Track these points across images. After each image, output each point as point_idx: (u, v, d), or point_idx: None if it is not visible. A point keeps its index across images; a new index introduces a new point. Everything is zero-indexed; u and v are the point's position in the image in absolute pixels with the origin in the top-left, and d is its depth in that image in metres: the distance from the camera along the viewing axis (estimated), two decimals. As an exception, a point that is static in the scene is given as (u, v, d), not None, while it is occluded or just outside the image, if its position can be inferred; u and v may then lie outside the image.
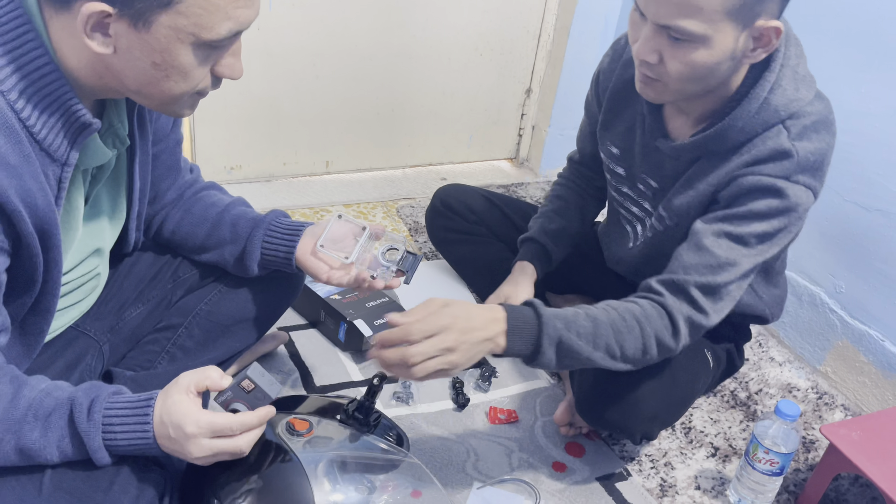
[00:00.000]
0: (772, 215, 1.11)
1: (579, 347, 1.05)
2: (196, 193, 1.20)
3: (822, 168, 1.12)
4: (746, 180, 1.11)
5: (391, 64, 2.09)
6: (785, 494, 1.32)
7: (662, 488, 1.31)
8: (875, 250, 1.53)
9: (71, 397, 0.86)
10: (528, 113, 2.37)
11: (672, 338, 1.10)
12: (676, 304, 1.11)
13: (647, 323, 1.09)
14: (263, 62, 1.94)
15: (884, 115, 1.47)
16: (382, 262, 1.13)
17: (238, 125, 2.00)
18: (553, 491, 1.27)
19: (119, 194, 1.03)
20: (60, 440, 0.85)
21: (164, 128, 1.09)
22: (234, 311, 1.20)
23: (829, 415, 1.54)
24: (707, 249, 1.11)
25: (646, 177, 1.27)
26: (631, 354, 1.09)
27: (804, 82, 1.11)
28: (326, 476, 0.94)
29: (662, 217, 1.24)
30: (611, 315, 1.08)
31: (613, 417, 1.22)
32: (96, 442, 0.85)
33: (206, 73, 0.85)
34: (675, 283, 1.12)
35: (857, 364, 1.59)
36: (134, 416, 0.86)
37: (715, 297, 1.12)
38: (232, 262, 1.16)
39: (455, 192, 1.68)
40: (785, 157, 1.09)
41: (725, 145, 1.13)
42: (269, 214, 1.17)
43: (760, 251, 1.13)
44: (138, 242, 1.13)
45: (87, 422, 0.85)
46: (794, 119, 1.10)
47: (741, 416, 1.50)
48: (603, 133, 1.34)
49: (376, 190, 2.17)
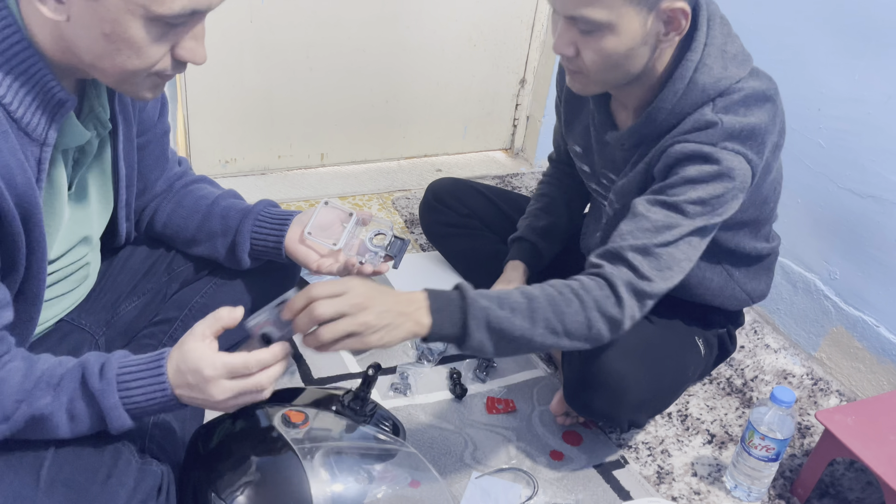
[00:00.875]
0: (704, 180, 1.08)
1: (512, 325, 0.99)
2: (186, 186, 1.19)
3: (753, 138, 1.09)
4: (673, 150, 1.11)
5: (385, 55, 2.09)
6: (781, 480, 1.33)
7: (659, 475, 1.32)
8: (869, 237, 1.54)
9: (82, 362, 0.85)
10: (523, 103, 2.37)
11: (616, 307, 1.04)
12: (615, 272, 1.06)
13: (585, 294, 1.03)
14: (256, 55, 1.93)
15: (877, 102, 1.47)
16: (370, 248, 1.12)
17: (232, 118, 2.00)
18: (551, 479, 1.28)
19: (105, 182, 1.02)
20: (70, 402, 0.83)
21: (150, 117, 1.09)
22: (229, 303, 1.19)
23: (824, 401, 1.55)
24: (641, 215, 1.09)
25: (605, 171, 1.29)
26: (574, 329, 1.03)
27: (734, 61, 1.11)
28: (323, 467, 0.95)
29: (612, 201, 1.26)
30: (546, 291, 1.03)
31: (600, 406, 1.22)
32: (111, 400, 0.83)
33: (164, 53, 0.83)
34: (611, 251, 1.08)
35: (851, 350, 1.60)
36: (148, 370, 0.85)
37: (654, 259, 1.07)
38: (224, 253, 1.16)
39: (447, 185, 1.68)
40: (709, 126, 1.09)
41: (658, 129, 1.14)
42: (258, 204, 1.17)
43: (699, 219, 1.09)
44: (130, 234, 1.13)
45: (100, 381, 0.83)
46: (722, 97, 1.10)
47: (737, 402, 1.51)
48: (567, 133, 1.37)
49: (372, 182, 2.16)
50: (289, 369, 1.44)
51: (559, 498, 1.24)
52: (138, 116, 1.05)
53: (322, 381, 1.43)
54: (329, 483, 0.95)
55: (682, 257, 1.09)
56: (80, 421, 0.85)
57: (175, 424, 1.08)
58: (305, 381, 1.43)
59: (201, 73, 1.89)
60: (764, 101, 1.10)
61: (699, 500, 1.28)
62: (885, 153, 1.48)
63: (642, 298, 1.07)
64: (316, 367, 1.45)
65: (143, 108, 1.06)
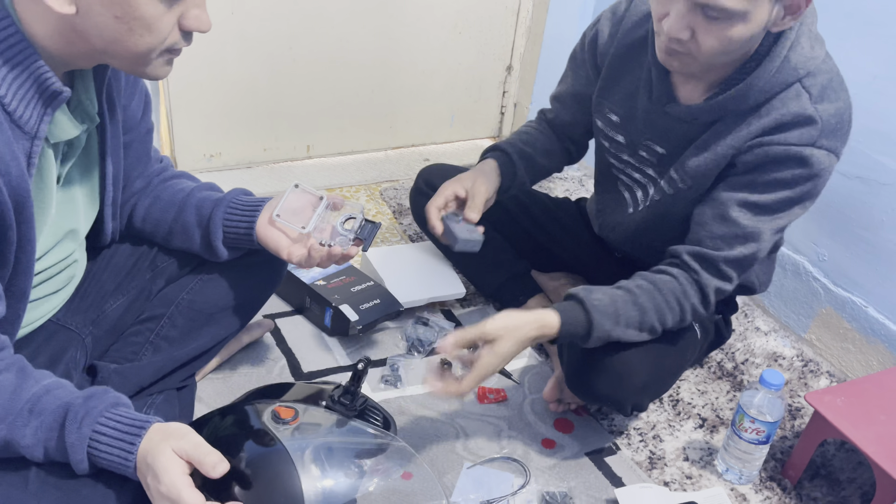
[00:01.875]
0: (797, 182, 1.13)
1: (624, 336, 1.17)
2: (165, 181, 1.18)
3: (843, 127, 1.13)
4: (772, 150, 1.12)
5: (369, 44, 2.07)
6: (772, 462, 1.34)
7: (651, 461, 1.33)
8: (856, 218, 1.54)
9: (68, 404, 0.85)
10: (510, 90, 2.36)
11: (703, 306, 1.20)
12: (708, 279, 1.18)
13: (685, 300, 1.18)
14: (238, 47, 1.91)
15: (863, 83, 1.47)
16: (341, 232, 1.12)
17: (216, 112, 1.98)
18: (543, 467, 1.28)
19: (91, 178, 1.01)
20: (48, 441, 0.85)
21: (135, 115, 1.08)
22: (216, 299, 1.19)
23: (814, 382, 1.56)
24: (733, 220, 1.16)
25: (650, 143, 1.26)
26: (670, 327, 1.20)
27: (818, 41, 1.12)
28: (314, 463, 0.94)
29: (674, 180, 1.24)
30: (656, 300, 1.17)
31: (603, 390, 1.22)
32: (79, 455, 0.85)
33: (173, 25, 0.84)
34: (706, 258, 1.18)
35: (841, 331, 1.60)
36: (122, 441, 0.85)
37: (741, 266, 1.19)
38: (200, 244, 1.15)
39: (438, 171, 1.66)
40: (809, 123, 1.10)
41: (745, 106, 1.13)
42: (230, 193, 1.16)
43: (784, 216, 1.17)
44: (116, 233, 1.12)
45: (76, 433, 0.84)
46: (810, 77, 1.10)
47: (728, 386, 1.51)
48: (600, 100, 1.32)
49: (359, 173, 2.15)
50: (278, 364, 1.43)
51: (552, 486, 1.24)
52: (123, 114, 1.04)
53: (311, 374, 1.43)
54: (320, 479, 0.94)
55: (763, 256, 1.21)
56: (53, 458, 0.86)
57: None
58: (295, 375, 1.42)
59: (183, 67, 1.87)
60: (843, 83, 1.14)
61: (691, 485, 1.29)
62: (872, 133, 1.48)
63: (722, 295, 1.22)
64: (305, 360, 1.45)
65: (128, 106, 1.05)
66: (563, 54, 1.40)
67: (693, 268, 1.18)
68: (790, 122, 1.11)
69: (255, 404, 1.02)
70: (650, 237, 1.32)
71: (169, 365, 1.18)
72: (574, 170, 2.26)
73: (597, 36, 1.30)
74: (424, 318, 1.55)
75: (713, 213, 1.17)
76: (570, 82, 1.40)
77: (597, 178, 1.46)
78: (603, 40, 1.29)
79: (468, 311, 1.64)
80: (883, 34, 1.43)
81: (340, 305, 1.48)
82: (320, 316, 1.52)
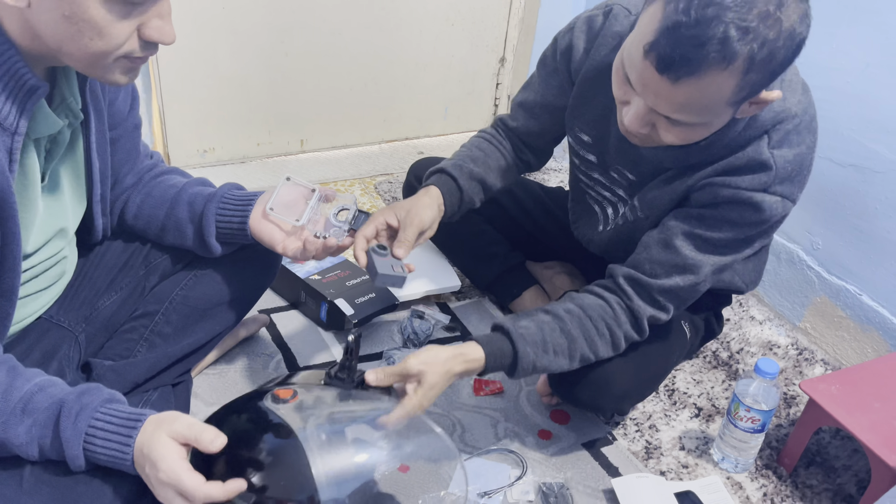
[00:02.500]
0: (744, 224, 1.11)
1: (554, 364, 1.14)
2: (156, 177, 1.18)
3: (801, 173, 1.10)
4: (723, 191, 1.09)
5: (361, 37, 2.06)
6: (767, 450, 1.34)
7: (647, 450, 1.33)
8: (850, 206, 1.54)
9: (62, 400, 0.85)
10: (503, 82, 2.35)
11: (637, 334, 1.18)
12: (641, 307, 1.16)
13: (617, 327, 1.16)
14: (230, 41, 1.90)
15: (855, 71, 1.47)
16: (334, 223, 1.12)
17: (208, 107, 1.97)
18: (540, 459, 1.28)
19: (78, 175, 1.01)
20: (42, 439, 0.85)
21: (121, 111, 1.07)
22: (210, 294, 1.19)
23: (809, 370, 1.56)
24: (675, 249, 1.14)
25: (621, 168, 1.24)
26: (603, 354, 1.18)
27: (790, 87, 1.07)
28: (319, 436, 0.94)
29: (635, 207, 1.23)
30: (585, 326, 1.15)
31: (584, 398, 1.23)
32: (75, 450, 0.84)
33: (129, 33, 0.82)
34: (641, 283, 1.16)
35: (835, 319, 1.61)
36: (118, 434, 0.85)
37: (676, 297, 1.17)
38: (193, 240, 1.15)
39: (429, 165, 1.65)
40: (762, 169, 1.07)
41: (709, 158, 1.10)
42: (222, 187, 1.15)
43: (728, 256, 1.14)
44: (107, 230, 1.11)
45: (71, 428, 0.84)
46: (779, 125, 1.07)
47: (723, 375, 1.52)
48: (572, 119, 1.27)
49: (353, 167, 2.15)
50: (274, 359, 1.43)
51: (548, 477, 1.25)
52: (109, 109, 1.03)
53: (308, 369, 1.42)
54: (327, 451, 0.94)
55: (702, 290, 1.19)
56: (48, 455, 0.86)
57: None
58: (291, 369, 1.42)
59: (174, 62, 1.86)
60: (811, 124, 1.10)
61: (687, 474, 1.29)
62: (865, 121, 1.48)
63: (656, 326, 1.20)
64: (301, 355, 1.45)
65: (114, 102, 1.04)
66: (554, 46, 1.39)
67: (626, 292, 1.16)
68: (743, 167, 1.07)
69: (251, 393, 1.02)
70: (621, 254, 1.28)
71: (164, 361, 1.18)
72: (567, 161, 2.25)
73: (571, 47, 1.22)
74: (420, 312, 1.55)
75: (658, 238, 1.15)
76: (539, 90, 1.31)
77: (570, 187, 1.43)
78: (578, 54, 1.21)
79: (463, 304, 1.64)
80: (875, 22, 1.43)
81: (336, 300, 1.48)
82: (316, 310, 1.51)
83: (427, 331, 1.51)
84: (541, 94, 1.31)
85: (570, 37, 1.23)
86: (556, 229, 1.58)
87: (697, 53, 0.89)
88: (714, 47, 0.88)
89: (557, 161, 2.20)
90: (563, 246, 1.60)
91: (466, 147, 1.37)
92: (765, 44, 0.89)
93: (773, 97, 0.98)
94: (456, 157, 1.35)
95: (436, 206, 1.25)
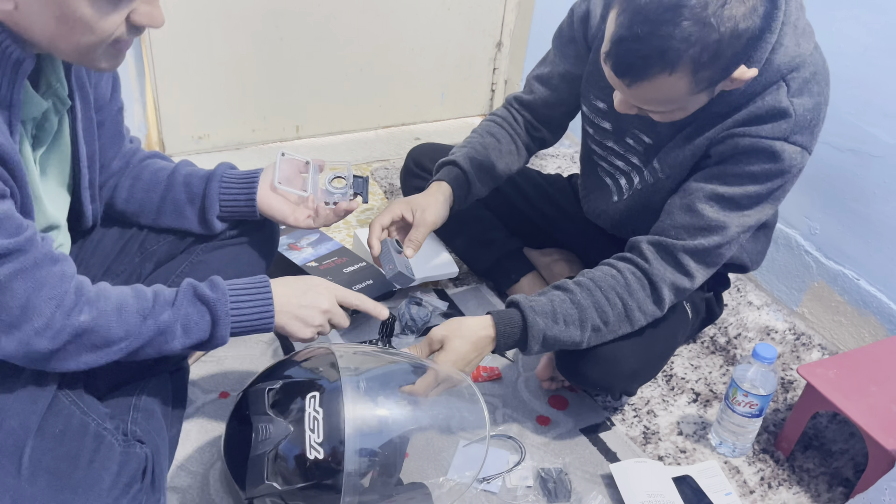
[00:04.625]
0: (766, 178, 1.11)
1: (565, 335, 1.14)
2: (141, 161, 1.18)
3: (818, 124, 1.11)
4: (743, 141, 1.10)
5: (357, 21, 2.04)
6: (765, 434, 1.35)
7: (646, 435, 1.33)
8: (848, 190, 1.54)
9: (189, 281, 0.98)
10: (500, 67, 2.34)
11: (656, 304, 1.17)
12: (662, 271, 1.15)
13: (629, 298, 1.15)
14: (224, 26, 1.88)
15: (854, 55, 1.46)
16: (331, 190, 1.17)
17: (203, 93, 1.95)
18: (538, 444, 1.28)
19: (63, 161, 1.00)
20: (186, 316, 0.94)
21: (104, 94, 1.07)
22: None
23: (806, 355, 1.56)
24: (698, 211, 1.14)
25: (638, 132, 1.24)
26: (618, 328, 1.17)
27: (804, 35, 1.09)
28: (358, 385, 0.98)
29: (655, 170, 1.23)
30: (595, 296, 1.14)
31: (593, 376, 1.22)
32: (224, 308, 0.95)
33: (118, 22, 0.82)
34: (665, 246, 1.15)
35: (832, 304, 1.61)
36: (255, 289, 1.00)
37: (703, 259, 1.16)
38: (193, 220, 1.16)
39: (428, 151, 1.65)
40: (783, 117, 1.08)
41: (727, 107, 1.11)
42: (219, 167, 1.17)
43: (752, 213, 1.14)
44: (97, 216, 1.11)
45: (213, 292, 0.96)
46: (794, 71, 1.08)
47: (721, 360, 1.52)
48: (588, 86, 1.29)
49: (349, 153, 2.13)
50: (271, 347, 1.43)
51: (547, 462, 1.25)
52: (93, 93, 1.02)
53: (306, 356, 1.42)
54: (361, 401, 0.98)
55: (728, 254, 1.17)
56: (191, 333, 0.94)
57: (158, 408, 1.07)
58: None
59: (168, 48, 1.84)
60: (826, 77, 1.11)
61: (685, 458, 1.30)
62: (864, 105, 1.47)
63: (682, 294, 1.18)
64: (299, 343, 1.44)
65: (97, 85, 1.04)
66: (553, 30, 1.38)
67: (646, 256, 1.15)
68: (764, 115, 1.09)
69: None
70: (635, 225, 1.29)
71: (161, 349, 1.18)
72: (566, 147, 2.25)
73: (588, 14, 1.25)
74: (418, 298, 1.55)
75: (681, 203, 1.16)
76: (556, 62, 1.34)
77: (581, 161, 1.44)
78: (595, 20, 1.24)
79: (461, 291, 1.64)
80: (874, 5, 1.42)
81: (333, 286, 1.47)
82: (313, 297, 1.51)
83: (425, 317, 1.50)
84: (558, 64, 1.34)
85: (586, 5, 1.26)
86: (555, 215, 1.58)
87: (642, 64, 0.97)
88: (655, 60, 0.96)
89: (555, 147, 2.19)
90: (561, 232, 1.60)
91: (478, 133, 1.40)
92: (706, 48, 0.95)
93: (748, 76, 1.02)
94: (467, 145, 1.38)
95: (448, 205, 1.32)
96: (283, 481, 0.93)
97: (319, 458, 0.92)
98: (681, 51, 0.94)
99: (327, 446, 0.92)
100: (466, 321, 1.13)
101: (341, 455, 0.92)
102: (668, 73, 0.96)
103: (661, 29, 0.93)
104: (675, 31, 0.93)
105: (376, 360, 1.07)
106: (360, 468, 0.94)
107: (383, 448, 0.99)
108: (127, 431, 0.99)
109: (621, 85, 1.02)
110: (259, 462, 0.93)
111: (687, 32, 0.93)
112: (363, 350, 1.11)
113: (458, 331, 1.11)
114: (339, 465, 0.92)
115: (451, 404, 1.07)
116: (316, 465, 0.92)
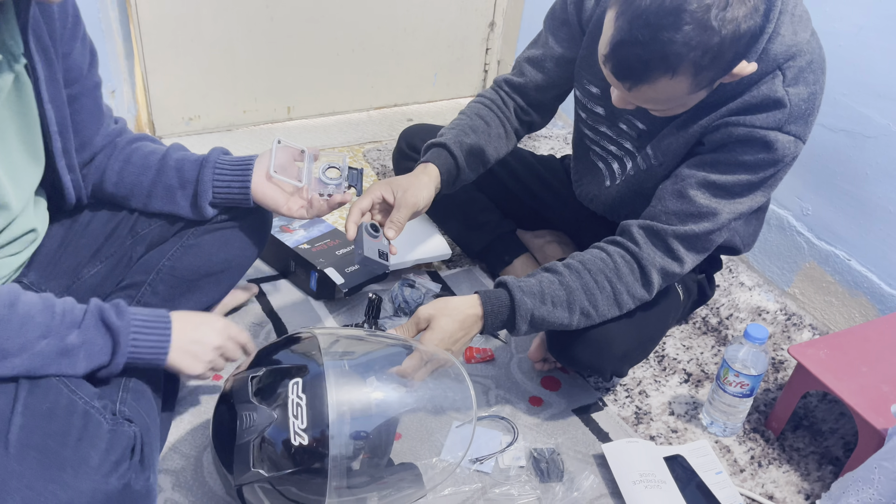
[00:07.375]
0: (759, 167, 1.11)
1: (553, 317, 1.14)
2: (130, 143, 1.17)
3: (812, 113, 1.11)
4: (737, 130, 1.09)
5: (348, 1, 2.02)
6: (755, 414, 1.36)
7: (637, 416, 1.34)
8: (840, 171, 1.54)
9: (97, 303, 0.96)
10: (493, 47, 2.32)
11: (645, 288, 1.17)
12: (652, 255, 1.15)
13: (618, 281, 1.15)
14: (214, 6, 1.86)
15: (848, 34, 1.46)
16: (326, 181, 1.17)
17: (193, 74, 1.93)
18: (531, 425, 1.29)
19: (31, 128, 0.98)
20: (92, 341, 0.92)
21: (79, 66, 1.04)
22: (198, 265, 1.18)
23: (797, 335, 1.57)
24: (690, 198, 1.13)
25: (631, 118, 1.23)
26: (606, 311, 1.16)
27: (801, 22, 1.08)
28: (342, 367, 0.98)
29: (648, 156, 1.22)
30: (583, 279, 1.14)
31: (584, 357, 1.23)
32: (126, 338, 0.94)
33: None
34: (655, 230, 1.15)
35: (823, 284, 1.61)
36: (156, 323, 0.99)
37: (693, 245, 1.16)
38: (184, 206, 1.15)
39: (421, 132, 1.64)
40: (777, 107, 1.07)
41: (722, 96, 1.11)
42: (212, 153, 1.15)
43: (743, 201, 1.14)
44: (80, 192, 1.10)
45: (119, 320, 0.94)
46: (790, 60, 1.07)
47: (713, 341, 1.52)
48: (581, 71, 1.27)
49: (341, 134, 2.12)
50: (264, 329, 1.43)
51: (539, 443, 1.26)
52: (64, 63, 1.00)
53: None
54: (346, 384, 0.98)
55: (718, 240, 1.17)
56: (93, 358, 0.93)
57: (149, 390, 1.07)
58: (282, 339, 1.42)
59: (157, 28, 1.82)
60: (822, 65, 1.10)
61: (676, 438, 1.30)
62: (857, 86, 1.47)
63: (671, 278, 1.18)
64: (291, 324, 1.44)
65: (69, 54, 1.01)
66: (546, 9, 1.36)
67: (636, 240, 1.15)
68: (758, 104, 1.08)
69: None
70: (627, 210, 1.29)
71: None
72: (559, 128, 2.24)
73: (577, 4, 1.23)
74: (410, 280, 1.55)
75: (672, 189, 1.15)
76: (548, 44, 1.31)
77: (573, 145, 1.43)
78: (590, 4, 1.22)
79: (454, 273, 1.63)
80: (869, -16, 1.41)
81: (326, 269, 1.47)
82: (306, 280, 1.51)
83: (418, 299, 1.50)
84: (551, 46, 1.31)
85: None
86: (547, 197, 1.57)
87: (643, 68, 0.96)
88: (656, 64, 0.95)
89: (548, 128, 2.19)
90: (554, 214, 1.59)
91: (466, 115, 1.36)
92: (707, 50, 0.94)
93: (748, 71, 1.01)
94: (456, 127, 1.34)
95: (433, 186, 1.27)
96: (270, 468, 0.93)
97: (304, 443, 0.92)
98: (682, 55, 0.93)
99: (311, 432, 0.92)
100: (453, 300, 1.12)
101: (326, 440, 0.92)
102: (670, 76, 0.96)
103: (662, 33, 0.92)
104: (676, 36, 0.92)
105: (361, 343, 1.06)
106: (345, 452, 0.94)
107: (369, 431, 0.99)
108: (116, 411, 0.99)
109: (622, 87, 1.01)
110: (245, 450, 0.93)
111: (688, 37, 0.92)
112: (347, 333, 1.10)
113: (445, 309, 1.10)
114: (324, 450, 0.92)
115: (437, 385, 1.07)
116: (301, 451, 0.92)
